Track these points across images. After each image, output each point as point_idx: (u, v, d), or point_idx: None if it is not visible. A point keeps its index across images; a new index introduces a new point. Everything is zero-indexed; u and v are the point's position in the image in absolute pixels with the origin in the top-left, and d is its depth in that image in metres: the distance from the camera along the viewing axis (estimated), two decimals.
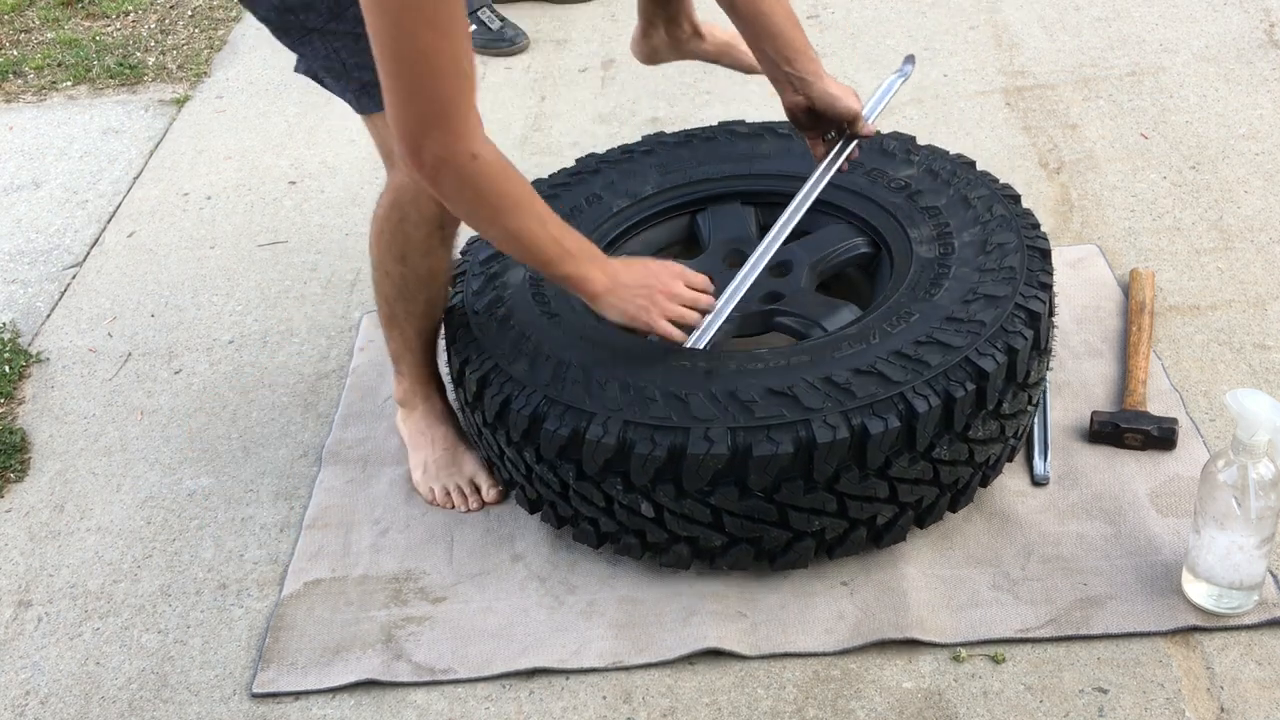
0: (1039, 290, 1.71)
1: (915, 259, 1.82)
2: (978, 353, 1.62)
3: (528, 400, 1.66)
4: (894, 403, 1.57)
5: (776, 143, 2.12)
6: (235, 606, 1.84)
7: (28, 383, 2.38)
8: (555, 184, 2.10)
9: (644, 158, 2.14)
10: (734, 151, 2.12)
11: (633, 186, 2.08)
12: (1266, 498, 1.50)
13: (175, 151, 3.12)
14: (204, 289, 2.59)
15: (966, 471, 1.70)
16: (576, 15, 3.51)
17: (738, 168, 2.09)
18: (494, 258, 1.94)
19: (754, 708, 1.60)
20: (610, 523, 1.71)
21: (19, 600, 1.91)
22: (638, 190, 2.07)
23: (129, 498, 2.07)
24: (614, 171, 2.11)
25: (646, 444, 1.58)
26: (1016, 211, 1.86)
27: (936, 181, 1.95)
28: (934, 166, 1.99)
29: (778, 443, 1.55)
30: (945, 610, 1.67)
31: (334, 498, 1.99)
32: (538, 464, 1.70)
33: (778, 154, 2.10)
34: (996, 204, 1.87)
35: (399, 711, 1.65)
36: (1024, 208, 1.88)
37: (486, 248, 1.96)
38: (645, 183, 2.09)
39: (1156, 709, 1.53)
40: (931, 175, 1.97)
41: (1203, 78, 2.80)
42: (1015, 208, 1.87)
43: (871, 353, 1.63)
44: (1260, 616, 1.60)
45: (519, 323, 1.79)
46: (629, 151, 2.16)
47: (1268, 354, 2.02)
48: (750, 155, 2.11)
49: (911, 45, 3.11)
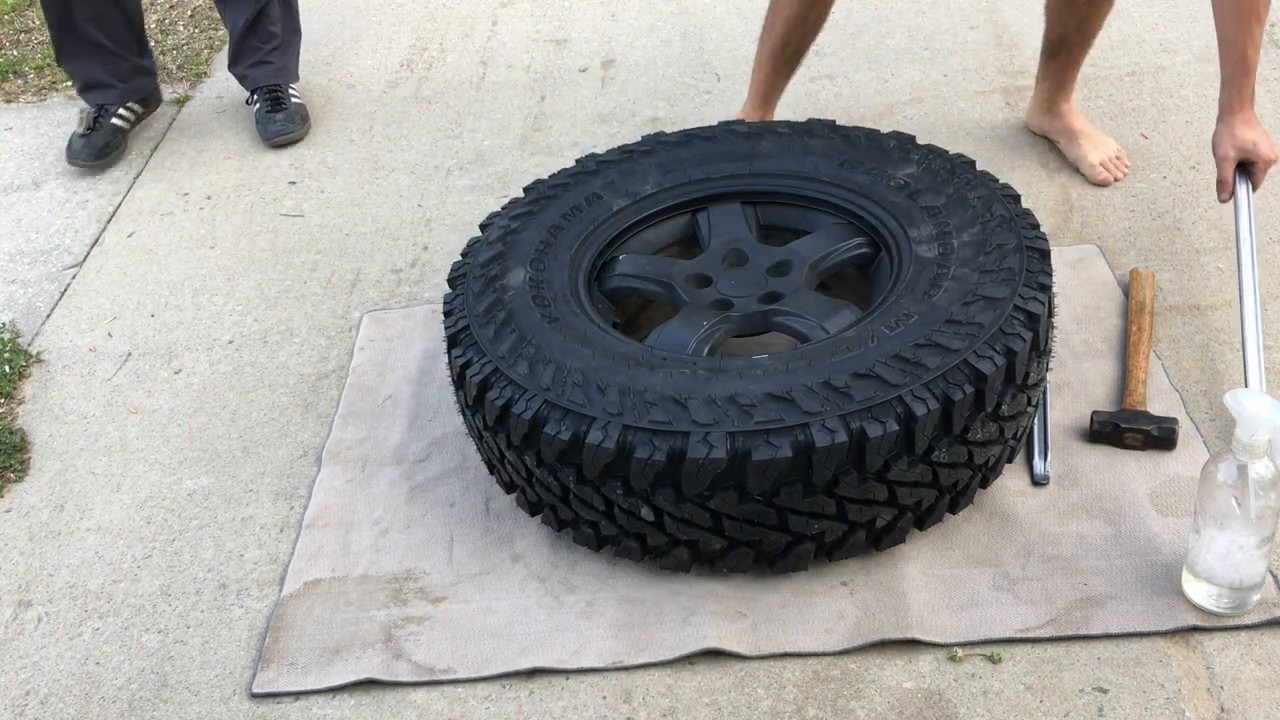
0: (1038, 291, 1.71)
1: (915, 259, 1.81)
2: (976, 355, 1.61)
3: (528, 404, 1.66)
4: (892, 406, 1.57)
5: (776, 142, 2.12)
6: (235, 606, 1.84)
7: (28, 383, 2.38)
8: (555, 184, 2.10)
9: (644, 157, 2.14)
10: (734, 151, 2.12)
11: (633, 186, 2.08)
12: (1266, 498, 1.50)
13: (175, 151, 3.12)
14: (204, 289, 2.59)
15: (966, 473, 1.70)
16: (576, 15, 3.51)
17: (738, 167, 2.09)
18: (494, 260, 1.94)
19: (754, 708, 1.60)
20: (610, 526, 1.71)
21: (19, 600, 1.91)
22: (637, 190, 2.08)
23: (129, 498, 2.07)
24: (614, 171, 2.11)
25: (646, 448, 1.58)
26: (1016, 211, 1.86)
27: (936, 180, 1.95)
28: (934, 165, 1.99)
29: (776, 447, 1.55)
30: (945, 610, 1.67)
31: (334, 498, 1.99)
32: (538, 468, 1.69)
33: (778, 153, 2.09)
34: (996, 204, 1.87)
35: (399, 711, 1.65)
36: (1024, 208, 1.88)
37: (488, 249, 1.96)
38: (645, 182, 2.09)
39: (1156, 709, 1.53)
40: (931, 174, 1.97)
41: (1203, 78, 2.80)
42: (1015, 207, 1.87)
43: (870, 356, 1.63)
44: (1260, 616, 1.60)
45: (519, 326, 1.78)
46: (629, 151, 2.16)
47: (1268, 354, 2.02)
48: (750, 155, 2.11)
49: (911, 45, 3.11)
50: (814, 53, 3.11)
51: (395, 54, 3.45)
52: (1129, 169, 2.50)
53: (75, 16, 2.89)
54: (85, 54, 2.98)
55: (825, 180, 2.02)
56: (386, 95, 3.24)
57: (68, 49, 2.98)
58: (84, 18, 2.90)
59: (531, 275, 1.89)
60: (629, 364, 1.69)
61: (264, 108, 3.06)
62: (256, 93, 3.09)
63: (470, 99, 3.16)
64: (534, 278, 1.88)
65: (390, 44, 3.50)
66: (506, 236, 1.99)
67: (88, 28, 2.92)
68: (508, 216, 2.04)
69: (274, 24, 3.05)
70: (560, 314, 1.81)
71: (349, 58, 3.47)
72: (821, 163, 2.05)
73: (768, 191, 2.06)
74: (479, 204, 2.72)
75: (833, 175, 2.01)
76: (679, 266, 1.98)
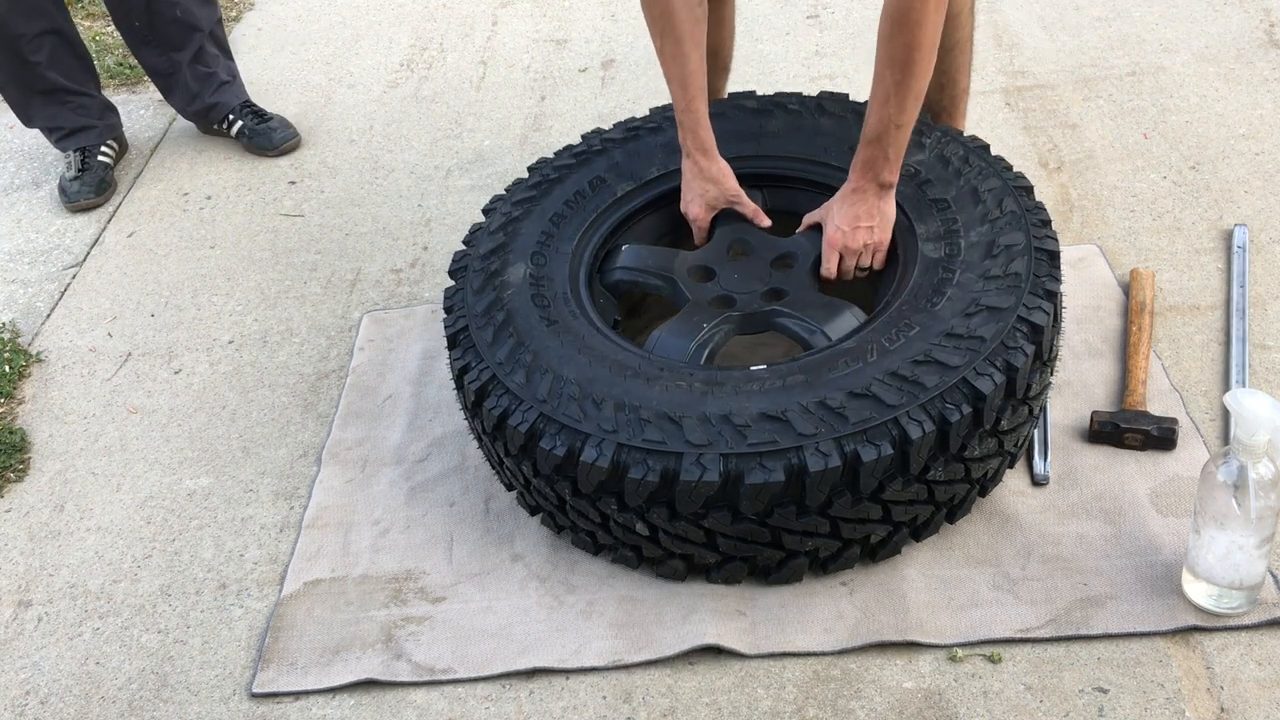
0: (1043, 300, 1.66)
1: (920, 259, 1.78)
2: (975, 373, 1.58)
3: (524, 416, 1.65)
4: (888, 429, 1.54)
5: (786, 119, 2.07)
6: (235, 606, 1.84)
7: (28, 383, 2.38)
8: (560, 164, 2.08)
9: (651, 135, 2.10)
10: (742, 130, 2.08)
11: (638, 169, 2.05)
12: (1266, 498, 1.50)
13: (175, 151, 3.12)
14: (204, 289, 2.59)
15: (963, 488, 1.68)
16: (576, 15, 3.51)
17: (744, 148, 2.05)
18: (495, 252, 1.92)
19: (754, 708, 1.59)
20: (606, 536, 1.71)
21: (19, 600, 1.91)
22: (642, 173, 2.04)
23: (129, 498, 2.07)
24: (619, 151, 2.08)
25: (640, 468, 1.57)
26: (1028, 206, 1.80)
27: (948, 170, 1.89)
28: (946, 152, 1.92)
29: (770, 470, 1.53)
30: (945, 610, 1.67)
31: (333, 498, 1.99)
32: (535, 478, 1.69)
33: (787, 133, 2.05)
34: (1008, 198, 1.81)
35: (399, 711, 1.65)
36: (1036, 201, 1.83)
37: (489, 239, 1.95)
38: (651, 164, 2.05)
39: (1156, 709, 1.53)
40: (943, 162, 1.90)
41: (1203, 78, 2.80)
42: (1027, 201, 1.81)
43: (867, 373, 1.60)
44: (1260, 616, 1.60)
45: (518, 330, 1.77)
46: (635, 129, 2.12)
47: (1268, 354, 2.02)
48: (759, 134, 2.06)
49: None
50: (814, 53, 3.12)
51: (395, 54, 3.45)
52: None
53: (34, 67, 2.83)
54: (54, 105, 2.93)
55: (834, 165, 1.97)
56: (386, 95, 3.24)
57: (35, 106, 2.93)
58: (44, 65, 2.84)
59: (532, 271, 1.87)
60: (626, 375, 1.67)
61: (251, 122, 3.04)
62: (233, 113, 3.05)
63: (470, 99, 3.16)
64: (534, 274, 1.87)
65: (390, 44, 3.50)
66: (508, 226, 1.97)
67: (49, 75, 2.86)
68: (510, 202, 2.02)
69: (210, 48, 3.02)
70: (559, 315, 1.80)
71: (349, 58, 3.46)
72: (832, 145, 2.00)
73: (775, 175, 2.02)
74: (479, 204, 2.72)
75: (842, 160, 1.94)
76: (681, 258, 1.95)
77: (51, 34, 2.84)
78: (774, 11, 3.33)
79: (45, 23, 2.82)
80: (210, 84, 3.03)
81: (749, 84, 2.93)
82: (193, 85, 3.01)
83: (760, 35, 3.21)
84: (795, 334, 1.81)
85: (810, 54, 3.12)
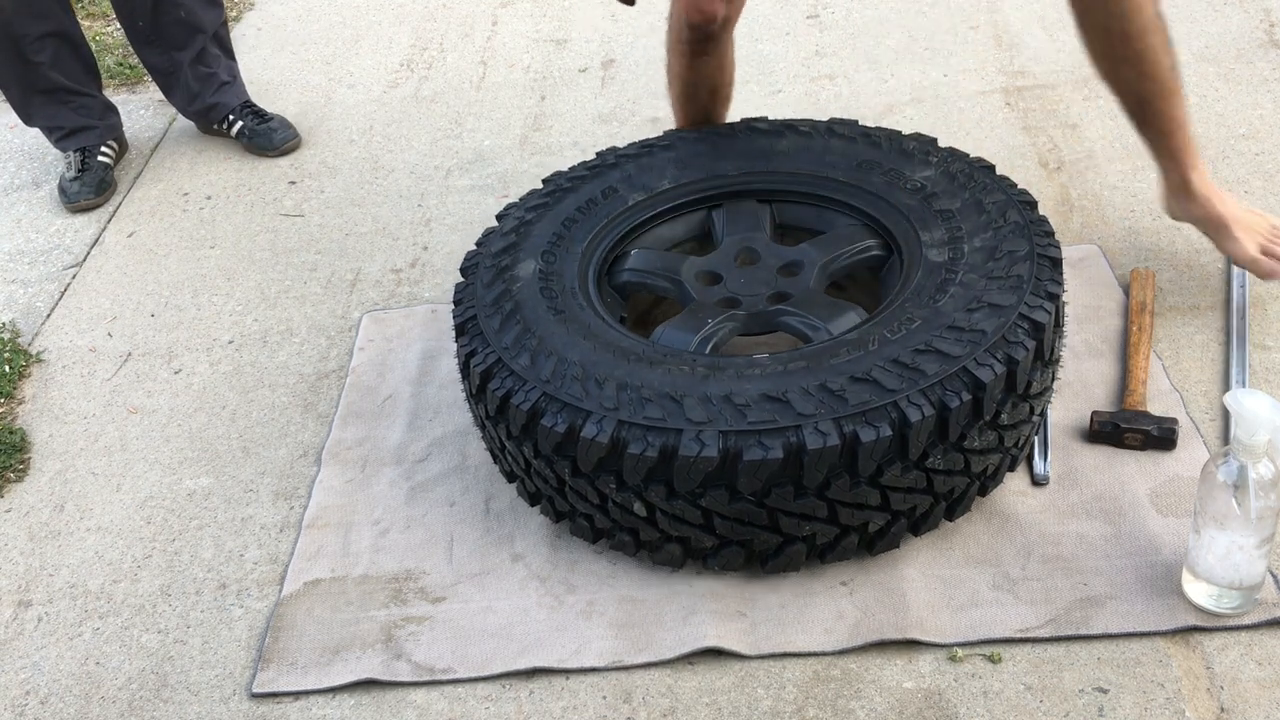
0: (1045, 300, 1.69)
1: (924, 263, 1.80)
2: (976, 362, 1.60)
3: (527, 395, 1.67)
4: (887, 411, 1.56)
5: (796, 140, 2.11)
6: (235, 606, 1.84)
7: (28, 383, 2.38)
8: (573, 176, 2.10)
9: (663, 152, 2.14)
10: (753, 149, 2.11)
11: (649, 181, 2.08)
12: (1266, 498, 1.50)
13: (175, 151, 3.12)
14: (204, 289, 2.59)
15: (963, 481, 1.69)
16: (576, 15, 3.51)
17: (755, 165, 2.09)
18: (507, 250, 1.94)
19: (754, 708, 1.60)
20: (605, 519, 1.72)
21: (19, 600, 1.91)
22: (654, 185, 2.07)
23: (129, 498, 2.07)
24: (632, 165, 2.11)
25: (639, 444, 1.59)
26: (1031, 218, 1.84)
27: (954, 185, 1.93)
28: (952, 169, 1.96)
29: (768, 448, 1.55)
30: (945, 610, 1.67)
31: (333, 498, 1.99)
32: (536, 459, 1.71)
33: (796, 152, 2.09)
34: (1011, 210, 1.85)
35: (399, 711, 1.65)
36: (1040, 215, 1.86)
37: (501, 239, 1.97)
38: (662, 177, 2.08)
39: (1156, 709, 1.53)
40: (949, 178, 1.95)
41: (1203, 78, 2.80)
42: (1030, 214, 1.85)
43: (869, 360, 1.63)
44: (1260, 616, 1.60)
45: (525, 318, 1.80)
46: (648, 146, 2.16)
47: (1268, 354, 2.02)
48: (769, 153, 2.10)
49: (911, 45, 3.11)
50: (814, 53, 3.12)
51: (395, 54, 3.45)
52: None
53: (37, 67, 2.83)
54: (55, 104, 2.92)
55: (841, 180, 2.02)
56: (386, 95, 3.24)
57: (36, 105, 2.92)
58: (47, 66, 2.84)
59: (542, 267, 1.90)
60: (629, 359, 1.70)
61: (251, 122, 3.03)
62: (234, 113, 3.05)
63: (470, 99, 3.16)
64: (544, 270, 1.89)
65: (390, 44, 3.51)
66: (521, 227, 2.00)
67: (51, 75, 2.86)
68: (524, 208, 2.05)
69: (212, 48, 3.02)
70: (567, 306, 1.82)
71: (349, 58, 3.47)
72: (840, 162, 2.04)
73: (784, 190, 2.05)
74: (479, 204, 2.72)
75: (849, 176, 2.01)
76: (689, 263, 1.98)
77: (56, 35, 2.84)
78: (774, 11, 3.33)
79: (51, 24, 2.82)
80: (211, 84, 3.03)
81: (749, 83, 2.94)
82: (193, 85, 3.02)
83: (760, 35, 3.21)
84: (799, 331, 1.82)
85: (810, 54, 3.12)
